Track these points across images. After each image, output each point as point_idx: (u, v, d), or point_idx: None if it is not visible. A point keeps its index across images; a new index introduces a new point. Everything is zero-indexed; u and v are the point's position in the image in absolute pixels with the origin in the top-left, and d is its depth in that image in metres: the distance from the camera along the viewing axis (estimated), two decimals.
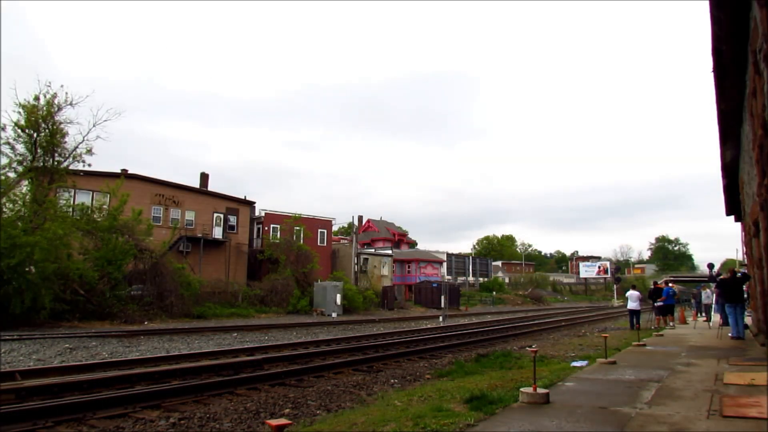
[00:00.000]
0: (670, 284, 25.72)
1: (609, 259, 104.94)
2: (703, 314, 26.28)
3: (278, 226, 46.36)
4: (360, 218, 75.10)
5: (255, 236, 47.87)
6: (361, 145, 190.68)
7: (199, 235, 40.37)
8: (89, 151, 28.15)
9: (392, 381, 10.47)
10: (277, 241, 44.32)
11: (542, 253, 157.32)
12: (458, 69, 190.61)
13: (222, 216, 43.54)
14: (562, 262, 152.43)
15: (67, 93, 28.03)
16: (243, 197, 46.06)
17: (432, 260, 67.69)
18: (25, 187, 27.59)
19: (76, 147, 28.07)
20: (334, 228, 57.49)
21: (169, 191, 40.47)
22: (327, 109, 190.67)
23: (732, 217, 20.03)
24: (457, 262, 79.70)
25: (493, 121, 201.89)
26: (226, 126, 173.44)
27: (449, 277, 64.38)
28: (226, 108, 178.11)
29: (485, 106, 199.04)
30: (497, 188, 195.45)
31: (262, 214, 47.31)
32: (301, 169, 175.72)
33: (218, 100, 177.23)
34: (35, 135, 26.92)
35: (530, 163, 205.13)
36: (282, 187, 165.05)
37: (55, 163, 27.70)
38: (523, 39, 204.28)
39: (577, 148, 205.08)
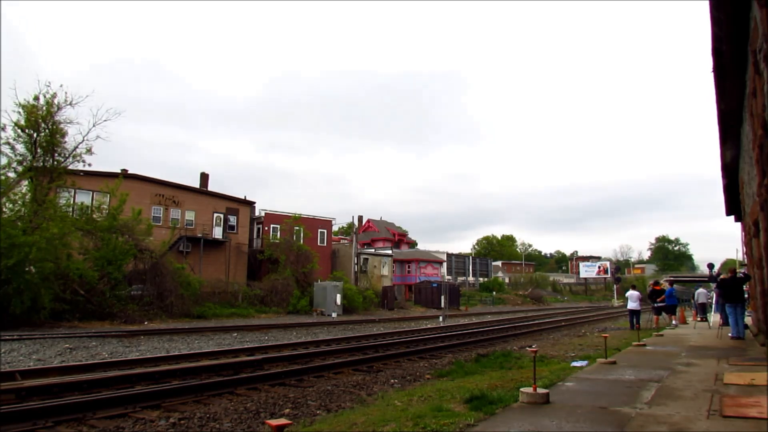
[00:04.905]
0: (673, 285, 25.71)
1: (609, 259, 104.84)
2: (701, 315, 26.25)
3: (278, 226, 46.35)
4: (360, 218, 75.08)
5: (255, 236, 47.86)
6: (351, 147, 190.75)
7: (199, 235, 40.36)
8: (89, 151, 28.15)
9: (392, 381, 10.46)
10: (277, 241, 44.30)
11: (542, 253, 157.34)
12: (448, 68, 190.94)
13: (222, 216, 43.55)
14: (562, 262, 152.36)
15: (66, 93, 28.06)
16: (243, 197, 46.08)
17: (432, 260, 67.65)
18: (25, 187, 27.58)
19: (76, 147, 28.10)
20: (334, 228, 57.44)
21: (169, 191, 40.48)
22: (316, 112, 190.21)
23: (732, 217, 20.03)
24: (457, 262, 79.69)
25: (492, 122, 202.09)
26: (214, 129, 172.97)
27: (449, 277, 64.32)
28: (211, 112, 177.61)
29: (476, 107, 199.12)
30: (498, 188, 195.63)
31: (262, 214, 47.29)
32: (291, 171, 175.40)
33: (204, 103, 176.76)
34: (35, 135, 26.90)
35: (530, 163, 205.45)
36: (272, 189, 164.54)
37: (55, 163, 27.68)
38: (520, 38, 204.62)
39: (579, 149, 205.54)
